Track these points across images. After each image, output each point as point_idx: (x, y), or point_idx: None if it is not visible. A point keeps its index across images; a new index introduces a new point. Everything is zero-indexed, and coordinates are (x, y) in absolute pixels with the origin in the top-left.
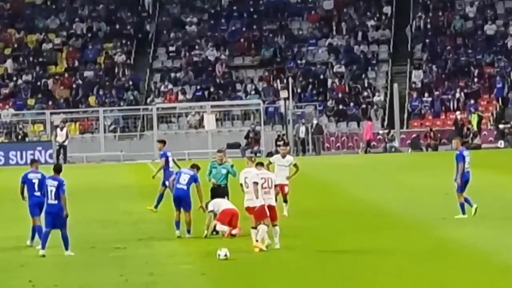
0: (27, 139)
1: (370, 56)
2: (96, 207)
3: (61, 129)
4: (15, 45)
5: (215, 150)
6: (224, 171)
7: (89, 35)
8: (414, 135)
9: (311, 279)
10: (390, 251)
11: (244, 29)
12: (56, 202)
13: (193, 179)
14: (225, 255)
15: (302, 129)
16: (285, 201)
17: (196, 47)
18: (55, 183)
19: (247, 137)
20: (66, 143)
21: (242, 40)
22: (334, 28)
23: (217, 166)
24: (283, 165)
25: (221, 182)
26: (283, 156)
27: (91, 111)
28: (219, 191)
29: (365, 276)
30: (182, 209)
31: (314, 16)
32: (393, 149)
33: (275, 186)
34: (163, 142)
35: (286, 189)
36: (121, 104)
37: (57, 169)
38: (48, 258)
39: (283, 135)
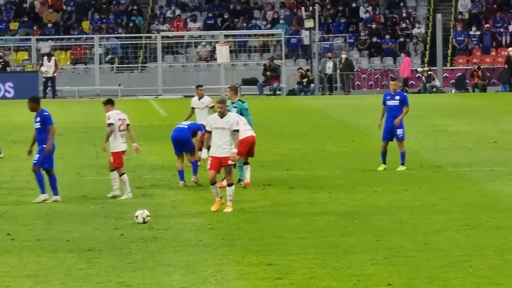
0: (8, 69)
1: None
2: (88, 150)
3: (49, 59)
4: None
5: (228, 86)
6: (234, 111)
7: None
8: (459, 74)
9: (331, 238)
10: (427, 208)
11: None
12: None
13: (197, 127)
14: (142, 219)
15: (329, 64)
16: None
17: None
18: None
19: (264, 72)
20: (54, 74)
21: None
22: None
23: (228, 105)
24: (199, 108)
25: None
26: (200, 97)
27: (85, 38)
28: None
29: (395, 237)
30: (184, 153)
31: None
32: (434, 89)
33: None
34: None
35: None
36: (120, 31)
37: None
38: (29, 207)
39: (307, 70)
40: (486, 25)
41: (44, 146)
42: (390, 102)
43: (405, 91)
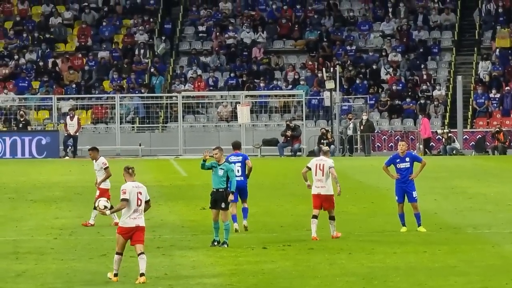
0: (29, 128)
1: (431, 43)
2: None
3: (71, 117)
4: (18, 18)
5: (249, 146)
6: (221, 173)
7: (105, 9)
8: (479, 136)
9: None
10: (446, 270)
11: (285, 8)
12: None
13: (245, 159)
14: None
15: (350, 125)
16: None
17: (230, 27)
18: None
19: (284, 133)
20: (77, 134)
21: (283, 21)
22: (390, 10)
23: (216, 166)
24: (96, 170)
25: (219, 185)
26: (94, 159)
27: (106, 97)
28: (217, 196)
29: None
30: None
31: None
32: (454, 151)
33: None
34: None
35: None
36: (141, 90)
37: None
38: (50, 266)
39: (327, 131)
40: (506, 88)
41: None
42: (401, 165)
43: (426, 153)
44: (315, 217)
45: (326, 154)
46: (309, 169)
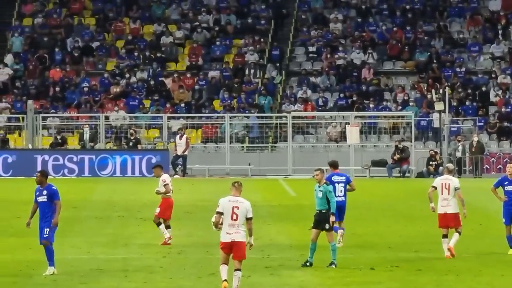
0: (139, 146)
1: None
2: None
3: (180, 137)
4: (129, 37)
5: (357, 167)
6: (320, 195)
7: (217, 28)
8: None
9: None
10: None
11: (396, 29)
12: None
13: (347, 183)
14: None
15: (459, 147)
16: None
17: (340, 48)
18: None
19: (393, 155)
20: (186, 153)
21: (393, 42)
22: (500, 32)
23: (316, 189)
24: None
25: (321, 207)
26: (157, 176)
27: (216, 117)
28: (320, 217)
29: None
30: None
31: (478, 18)
32: None
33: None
34: None
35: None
36: (251, 110)
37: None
38: (159, 285)
39: (436, 153)
40: None
41: (51, 220)
42: (509, 188)
43: None
44: (445, 236)
45: (450, 172)
46: (435, 188)
